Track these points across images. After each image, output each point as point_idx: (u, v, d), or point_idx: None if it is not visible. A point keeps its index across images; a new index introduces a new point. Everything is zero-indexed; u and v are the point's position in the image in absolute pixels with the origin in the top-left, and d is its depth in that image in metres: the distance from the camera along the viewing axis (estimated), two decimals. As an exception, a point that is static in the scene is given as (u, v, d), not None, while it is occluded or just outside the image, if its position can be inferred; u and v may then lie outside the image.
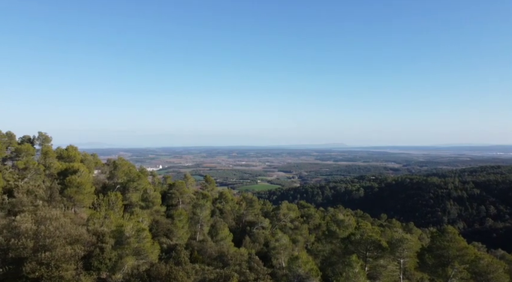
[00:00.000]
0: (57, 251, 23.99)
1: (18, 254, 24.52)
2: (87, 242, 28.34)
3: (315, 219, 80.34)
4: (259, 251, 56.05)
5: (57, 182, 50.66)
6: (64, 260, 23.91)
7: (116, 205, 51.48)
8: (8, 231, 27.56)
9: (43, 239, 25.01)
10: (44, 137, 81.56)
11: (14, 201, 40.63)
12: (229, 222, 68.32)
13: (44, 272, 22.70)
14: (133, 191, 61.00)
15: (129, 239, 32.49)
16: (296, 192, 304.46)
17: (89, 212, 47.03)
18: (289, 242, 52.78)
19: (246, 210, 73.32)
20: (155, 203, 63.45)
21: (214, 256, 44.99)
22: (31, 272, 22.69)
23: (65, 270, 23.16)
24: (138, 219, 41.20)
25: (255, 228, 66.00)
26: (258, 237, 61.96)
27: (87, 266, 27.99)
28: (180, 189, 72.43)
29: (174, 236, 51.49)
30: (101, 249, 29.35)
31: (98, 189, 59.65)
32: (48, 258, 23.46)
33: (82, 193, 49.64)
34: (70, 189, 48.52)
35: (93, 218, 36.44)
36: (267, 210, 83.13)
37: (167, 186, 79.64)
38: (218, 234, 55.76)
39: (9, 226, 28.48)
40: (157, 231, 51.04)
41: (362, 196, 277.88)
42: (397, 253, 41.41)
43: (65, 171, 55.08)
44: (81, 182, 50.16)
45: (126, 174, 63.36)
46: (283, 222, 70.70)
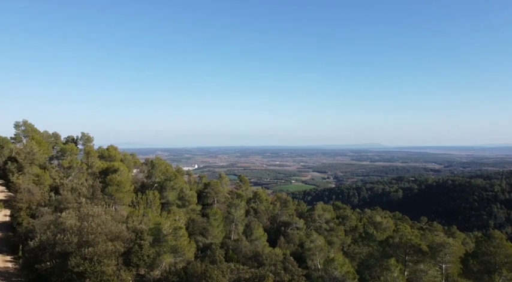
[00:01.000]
0: (99, 247, 24.96)
1: (64, 248, 25.78)
2: (126, 238, 29.27)
3: (351, 221, 78.66)
4: (294, 251, 55.64)
5: (98, 181, 52.80)
6: (106, 256, 24.84)
7: (154, 203, 52.94)
8: (54, 227, 29.09)
9: (86, 235, 26.13)
10: (86, 137, 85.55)
11: (60, 198, 42.85)
12: (264, 222, 68.36)
13: (88, 267, 23.70)
14: (170, 190, 62.45)
15: (166, 236, 33.29)
16: (331, 193, 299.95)
17: (129, 209, 48.71)
18: (325, 243, 52.04)
19: (280, 210, 73.08)
20: (191, 201, 64.61)
21: (249, 256, 45.16)
22: (76, 266, 23.76)
23: (106, 266, 24.05)
24: (174, 218, 42.09)
25: (289, 229, 65.62)
26: (293, 238, 61.54)
27: (127, 262, 28.95)
28: (215, 189, 73.32)
29: (209, 235, 52.24)
30: (139, 246, 30.22)
31: (136, 187, 61.73)
32: (91, 253, 24.47)
33: (122, 191, 51.51)
34: (111, 188, 50.49)
35: (132, 216, 37.63)
36: (301, 210, 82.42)
37: (202, 186, 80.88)
38: (253, 233, 55.95)
39: (56, 222, 30.05)
40: (193, 229, 51.96)
41: (400, 198, 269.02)
42: (438, 258, 39.67)
43: (106, 170, 57.32)
44: (121, 181, 52.05)
45: (163, 174, 65.03)
46: (318, 223, 69.78)
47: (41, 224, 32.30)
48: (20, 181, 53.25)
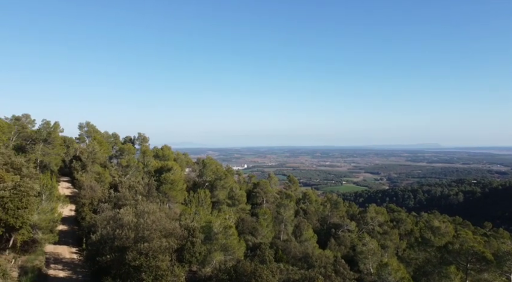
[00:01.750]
0: (154, 243, 25.97)
1: (122, 243, 27.17)
2: (179, 235, 30.19)
3: (407, 225, 75.07)
4: (345, 254, 54.21)
5: (153, 179, 55.10)
6: (160, 252, 25.79)
7: (205, 202, 54.24)
8: (113, 222, 30.78)
9: (142, 231, 27.33)
10: (142, 138, 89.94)
11: (119, 195, 45.30)
12: (314, 223, 67.38)
13: (143, 261, 24.77)
14: (221, 189, 63.66)
15: (217, 235, 33.91)
16: (385, 195, 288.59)
17: (181, 207, 50.39)
18: (378, 247, 50.12)
19: (330, 211, 71.61)
20: (241, 201, 65.38)
21: (298, 257, 44.70)
22: (132, 261, 24.93)
23: (161, 261, 24.98)
24: (225, 217, 42.78)
25: (340, 231, 64.07)
26: (344, 240, 60.01)
27: (180, 258, 29.88)
28: (264, 189, 73.57)
29: (258, 234, 52.46)
30: (192, 243, 31.08)
31: (189, 186, 63.70)
32: (146, 248, 25.53)
33: (175, 190, 53.40)
34: (165, 186, 52.54)
35: (185, 214, 38.83)
36: (353, 212, 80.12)
37: (252, 185, 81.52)
38: (302, 234, 55.35)
39: (115, 218, 31.78)
40: (242, 228, 52.49)
41: (461, 201, 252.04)
42: (505, 267, 36.53)
43: (161, 169, 59.72)
44: (175, 180, 53.96)
45: (214, 173, 66.47)
46: (370, 226, 67.43)
47: (102, 219, 34.32)
48: (84, 178, 57.15)
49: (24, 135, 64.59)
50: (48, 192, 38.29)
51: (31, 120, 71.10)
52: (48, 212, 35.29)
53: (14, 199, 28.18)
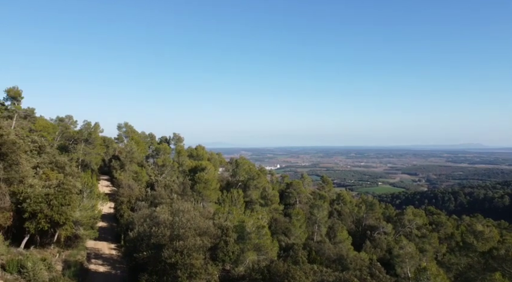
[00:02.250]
0: (189, 241, 26.41)
1: (158, 240, 27.86)
2: (213, 234, 30.55)
3: (447, 228, 71.93)
4: (381, 257, 52.75)
5: (188, 178, 56.19)
6: (194, 250, 26.20)
7: (238, 201, 54.60)
8: (150, 220, 31.63)
9: (177, 229, 27.88)
10: (177, 138, 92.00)
11: (155, 194, 46.58)
12: (348, 225, 66.09)
13: (179, 259, 25.27)
14: (254, 189, 63.86)
15: (250, 234, 34.00)
16: (423, 196, 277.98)
17: (215, 206, 50.99)
18: (416, 250, 48.38)
19: (366, 213, 69.94)
20: (273, 201, 65.28)
21: (332, 258, 43.96)
22: (168, 258, 25.50)
23: (195, 259, 25.37)
24: (258, 216, 42.86)
25: (376, 233, 62.42)
26: (380, 243, 58.42)
27: (214, 256, 30.24)
28: (297, 189, 73.05)
29: (291, 235, 52.13)
30: (225, 243, 31.36)
31: (222, 185, 64.40)
32: (181, 246, 26.02)
33: (209, 189, 54.14)
34: (199, 185, 53.40)
35: (218, 213, 39.24)
36: (389, 214, 77.80)
37: (285, 185, 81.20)
38: (336, 236, 54.44)
39: (151, 216, 32.66)
40: (275, 229, 52.36)
41: (507, 205, 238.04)
42: (557, 276, 34.05)
43: (195, 169, 60.78)
44: (208, 179, 54.72)
45: (247, 173, 66.80)
46: (408, 229, 65.19)
47: (139, 217, 35.39)
48: (122, 177, 59.23)
49: (67, 135, 67.91)
50: (89, 190, 40.00)
51: (73, 121, 74.67)
52: (89, 209, 36.87)
53: (58, 196, 29.63)
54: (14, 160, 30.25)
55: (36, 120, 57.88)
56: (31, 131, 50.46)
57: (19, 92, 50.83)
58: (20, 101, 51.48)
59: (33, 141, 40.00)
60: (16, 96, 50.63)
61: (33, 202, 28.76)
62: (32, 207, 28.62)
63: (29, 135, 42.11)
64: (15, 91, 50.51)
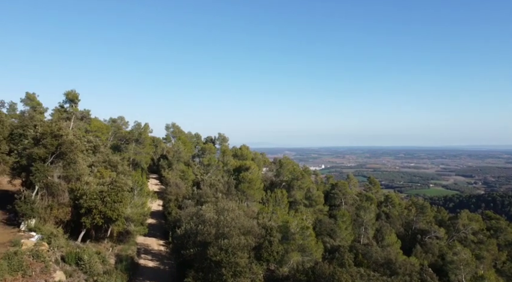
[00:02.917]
0: (234, 240, 26.68)
1: (203, 238, 28.44)
2: (257, 234, 30.65)
3: (507, 234, 66.85)
4: (433, 263, 50.14)
5: (232, 178, 56.87)
6: (239, 248, 26.42)
7: (282, 202, 54.43)
8: (196, 218, 32.37)
9: (222, 228, 28.28)
10: (222, 138, 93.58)
11: (201, 193, 47.62)
12: (397, 228, 63.55)
13: (224, 257, 25.60)
14: (298, 189, 63.37)
15: (294, 235, 33.74)
16: (480, 200, 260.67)
17: (259, 206, 51.19)
18: (472, 257, 45.49)
19: (416, 216, 66.87)
20: (318, 202, 64.40)
21: (380, 262, 42.43)
22: (213, 256, 25.92)
23: (240, 258, 25.58)
24: (302, 217, 42.39)
25: (427, 238, 59.48)
26: (431, 248, 55.61)
27: (258, 256, 30.30)
28: (343, 190, 71.46)
29: (337, 237, 51.09)
30: (269, 242, 31.31)
31: (266, 185, 64.54)
32: (226, 245, 26.35)
33: (253, 188, 54.46)
34: (243, 185, 53.88)
35: (262, 212, 39.33)
36: (441, 218, 73.75)
37: (330, 186, 79.78)
38: (384, 239, 52.58)
39: (197, 214, 33.40)
40: (320, 230, 51.57)
41: None
42: None
43: (239, 168, 61.40)
44: (252, 179, 55.05)
45: (290, 173, 66.42)
46: (462, 234, 61.46)
47: (186, 215, 36.35)
48: (170, 176, 61.29)
49: (119, 135, 71.53)
50: (139, 188, 41.78)
51: (125, 121, 78.48)
52: (139, 206, 38.51)
53: (111, 193, 31.22)
54: (72, 159, 32.25)
55: (92, 121, 61.51)
56: (87, 132, 53.69)
57: (76, 95, 54.26)
58: (77, 103, 54.94)
59: (89, 141, 42.47)
60: (74, 98, 54.09)
61: (88, 198, 30.52)
62: (87, 203, 30.39)
63: (85, 135, 44.78)
64: (73, 94, 53.99)
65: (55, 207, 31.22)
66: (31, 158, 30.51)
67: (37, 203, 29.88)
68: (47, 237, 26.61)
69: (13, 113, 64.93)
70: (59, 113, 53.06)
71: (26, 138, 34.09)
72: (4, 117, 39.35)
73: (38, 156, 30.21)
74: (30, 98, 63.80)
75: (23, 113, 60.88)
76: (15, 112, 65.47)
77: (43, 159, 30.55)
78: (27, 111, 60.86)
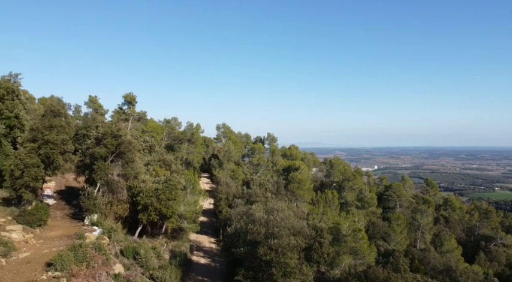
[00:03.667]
0: (283, 240, 26.52)
1: (253, 237, 28.58)
2: (307, 235, 30.21)
3: None
4: (499, 272, 46.45)
5: (282, 178, 56.77)
6: (289, 249, 26.22)
7: (333, 203, 53.36)
8: (246, 217, 32.66)
9: (272, 228, 28.22)
10: (271, 138, 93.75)
11: (250, 192, 48.03)
12: (457, 233, 59.68)
13: (273, 257, 25.56)
14: (349, 190, 61.80)
15: (345, 237, 32.87)
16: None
17: (309, 207, 50.59)
18: (546, 268, 41.38)
19: (479, 221, 62.33)
20: (371, 204, 62.40)
21: (439, 269, 40.03)
22: (263, 255, 25.97)
23: (289, 258, 25.39)
24: (354, 219, 41.25)
25: (492, 244, 55.19)
26: (497, 256, 51.51)
27: (308, 257, 29.89)
28: (397, 192, 68.60)
29: (391, 240, 49.10)
30: (319, 244, 30.76)
31: (316, 186, 63.63)
32: (276, 245, 26.26)
33: (302, 189, 53.92)
34: (293, 185, 53.53)
35: (312, 213, 38.83)
36: (509, 224, 68.13)
37: (383, 188, 76.92)
38: (443, 244, 49.62)
39: (247, 213, 33.66)
40: (373, 233, 49.84)
41: None
42: None
43: (288, 168, 61.15)
44: (302, 179, 54.52)
45: (341, 174, 64.92)
46: (534, 242, 56.19)
47: (236, 214, 36.79)
48: (220, 175, 62.58)
49: (173, 135, 74.37)
50: (192, 186, 43.06)
51: (178, 122, 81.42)
52: (191, 204, 39.67)
53: (165, 191, 32.48)
54: (130, 158, 34.00)
55: (147, 122, 64.55)
56: (143, 132, 56.42)
57: (134, 97, 57.26)
58: (135, 105, 57.95)
59: (145, 141, 44.59)
60: (131, 101, 57.14)
61: (145, 196, 32.00)
62: (144, 200, 31.87)
63: (141, 135, 47.09)
64: (131, 96, 57.04)
65: (115, 203, 33.13)
66: (93, 157, 32.63)
67: (99, 199, 31.89)
68: (108, 232, 28.27)
69: (78, 115, 70.10)
70: (118, 115, 56.29)
71: (89, 138, 36.52)
72: (70, 119, 42.44)
73: (100, 155, 32.23)
74: (92, 100, 68.40)
75: (87, 115, 65.41)
76: (80, 114, 70.62)
77: (104, 158, 32.53)
78: (90, 113, 65.30)
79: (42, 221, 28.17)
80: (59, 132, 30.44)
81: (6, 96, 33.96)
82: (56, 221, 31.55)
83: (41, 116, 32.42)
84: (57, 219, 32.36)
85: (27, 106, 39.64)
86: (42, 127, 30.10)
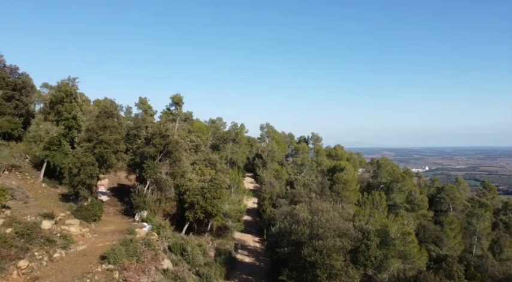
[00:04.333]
0: (328, 241, 26.03)
1: (297, 238, 28.34)
2: (353, 237, 29.42)
3: None
4: None
5: (326, 178, 55.81)
6: (334, 250, 25.69)
7: (380, 205, 51.61)
8: (290, 217, 32.47)
9: (316, 229, 27.80)
10: (316, 137, 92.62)
11: (294, 192, 47.72)
12: (520, 240, 55.27)
13: (318, 258, 25.16)
14: (398, 192, 59.54)
15: (394, 240, 31.57)
16: None
17: (354, 208, 49.28)
18: None
19: (544, 228, 57.34)
20: (421, 206, 59.72)
21: (497, 278, 37.24)
22: (308, 256, 25.66)
23: (335, 260, 24.87)
24: (403, 222, 39.53)
25: (560, 254, 50.45)
26: None
27: (354, 260, 29.09)
28: (451, 194, 65.04)
29: (444, 245, 46.62)
30: (366, 246, 29.81)
31: (362, 187, 61.87)
32: (320, 246, 25.84)
33: (348, 190, 52.68)
34: (338, 186, 52.46)
35: (358, 215, 37.76)
36: None
37: (435, 190, 73.24)
38: (503, 252, 46.27)
39: (291, 213, 33.47)
40: (424, 237, 47.56)
41: None
42: None
43: (333, 168, 60.00)
44: (348, 180, 53.26)
45: (389, 174, 62.66)
46: None
47: (280, 213, 36.75)
48: (264, 175, 62.79)
49: (218, 135, 75.79)
50: (236, 185, 43.62)
51: (223, 122, 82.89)
52: (236, 203, 40.17)
53: (211, 190, 33.15)
54: (177, 157, 35.10)
55: (193, 122, 66.30)
56: (189, 132, 58.05)
57: (181, 98, 59.11)
58: (181, 106, 59.82)
59: (191, 140, 45.80)
60: (178, 102, 59.03)
61: (191, 194, 32.86)
62: (190, 198, 32.74)
63: (188, 135, 48.44)
64: (178, 97, 58.94)
65: (163, 201, 34.36)
66: (143, 156, 34.06)
67: (148, 196, 33.23)
68: (156, 228, 29.37)
69: (129, 115, 73.57)
70: (166, 115, 58.35)
71: (139, 138, 38.16)
72: (122, 119, 44.61)
73: (149, 154, 33.58)
74: (142, 102, 71.44)
75: (137, 116, 68.44)
76: (131, 115, 74.07)
77: (153, 157, 33.85)
78: (140, 114, 68.26)
79: (96, 216, 29.86)
80: (112, 132, 32.08)
81: (65, 99, 36.36)
82: (109, 216, 33.31)
83: (96, 117, 34.36)
84: (110, 214, 34.16)
85: (84, 108, 42.14)
86: (97, 127, 31.89)
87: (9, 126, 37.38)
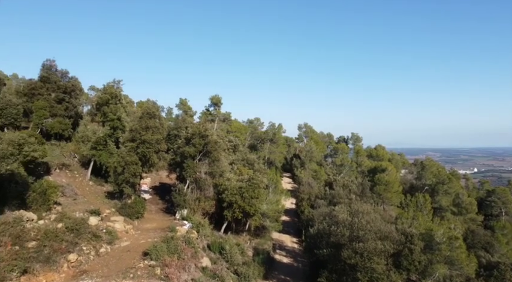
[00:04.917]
0: (369, 244, 25.28)
1: (337, 240, 27.77)
2: (396, 240, 28.38)
3: None
4: None
5: (367, 179, 54.32)
6: (375, 254, 24.90)
7: (424, 207, 49.48)
8: (329, 219, 31.91)
9: (357, 231, 27.10)
10: (355, 137, 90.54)
11: (333, 193, 46.89)
12: None
13: (358, 261, 24.51)
14: (443, 195, 56.81)
15: (439, 245, 30.08)
16: None
17: (397, 210, 47.55)
18: None
19: None
20: (469, 210, 56.60)
21: (556, 289, 34.48)
22: (348, 259, 25.07)
23: (376, 263, 24.10)
24: (449, 226, 37.69)
25: None
26: None
27: (396, 264, 28.03)
28: (503, 198, 61.10)
29: (495, 252, 43.77)
30: (409, 250, 28.62)
31: (405, 189, 59.60)
32: (361, 248, 25.15)
33: (390, 191, 50.96)
34: (379, 187, 50.89)
35: (401, 217, 36.39)
36: None
37: (485, 193, 69.10)
38: (562, 261, 42.58)
39: (330, 214, 32.89)
40: (472, 242, 44.94)
41: None
42: None
43: (374, 169, 58.29)
44: (389, 181, 51.54)
45: (434, 176, 59.94)
46: None
47: (318, 215, 36.26)
48: (302, 175, 62.23)
49: (255, 135, 76.10)
50: (274, 185, 43.52)
51: (261, 122, 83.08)
52: (274, 203, 40.09)
53: (248, 189, 33.33)
54: (216, 157, 35.61)
55: (232, 122, 67.01)
56: (228, 132, 58.73)
57: (219, 99, 59.99)
58: (220, 107, 60.68)
59: (230, 140, 46.30)
60: (217, 102, 59.94)
61: (230, 193, 33.21)
62: (229, 197, 33.10)
63: (226, 135, 49.01)
64: (216, 98, 59.87)
65: (202, 200, 34.98)
66: (183, 155, 34.87)
67: (188, 195, 33.97)
68: (196, 226, 29.93)
69: (170, 116, 75.72)
70: (205, 116, 59.43)
71: (179, 138, 39.14)
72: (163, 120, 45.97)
73: (189, 154, 34.32)
74: (183, 103, 73.25)
75: (177, 117, 70.27)
76: (172, 116, 76.20)
77: (193, 157, 34.56)
78: (180, 115, 70.04)
79: (139, 214, 30.94)
80: (154, 132, 33.12)
81: (111, 101, 38.04)
82: (151, 214, 34.43)
83: (139, 118, 35.64)
84: (152, 212, 35.30)
85: (128, 109, 43.86)
86: (140, 128, 33.06)
87: (60, 127, 39.63)
